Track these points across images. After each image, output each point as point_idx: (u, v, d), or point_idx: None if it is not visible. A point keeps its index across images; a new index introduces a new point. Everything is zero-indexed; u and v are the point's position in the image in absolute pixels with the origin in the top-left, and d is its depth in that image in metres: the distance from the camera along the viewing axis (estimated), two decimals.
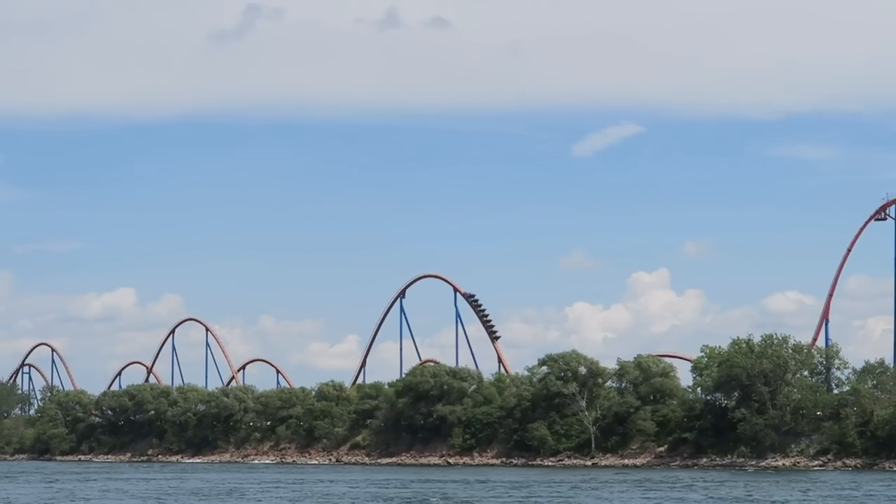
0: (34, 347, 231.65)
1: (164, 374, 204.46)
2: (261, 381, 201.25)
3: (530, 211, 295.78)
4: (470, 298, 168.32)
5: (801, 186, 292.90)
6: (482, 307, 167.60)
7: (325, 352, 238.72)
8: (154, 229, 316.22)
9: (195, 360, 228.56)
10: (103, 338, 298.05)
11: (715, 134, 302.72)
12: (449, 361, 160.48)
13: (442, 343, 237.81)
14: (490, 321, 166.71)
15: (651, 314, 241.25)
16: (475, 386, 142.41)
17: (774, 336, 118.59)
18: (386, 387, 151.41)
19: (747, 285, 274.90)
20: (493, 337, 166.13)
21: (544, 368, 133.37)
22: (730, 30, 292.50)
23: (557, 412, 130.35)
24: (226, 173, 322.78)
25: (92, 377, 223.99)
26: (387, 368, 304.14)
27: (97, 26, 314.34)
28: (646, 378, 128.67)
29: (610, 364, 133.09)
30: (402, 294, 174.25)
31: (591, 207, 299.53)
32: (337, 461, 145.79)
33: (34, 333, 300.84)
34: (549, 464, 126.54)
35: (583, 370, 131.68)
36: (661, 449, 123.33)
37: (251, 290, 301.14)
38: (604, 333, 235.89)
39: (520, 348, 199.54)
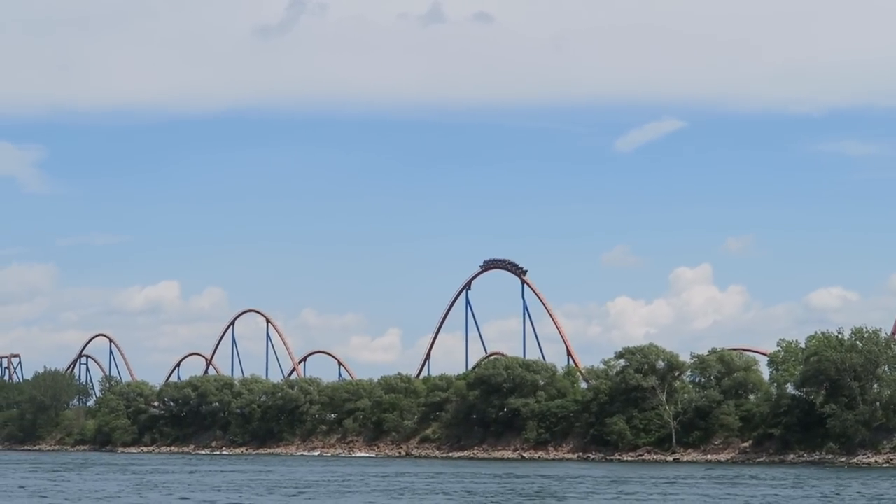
0: (92, 338, 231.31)
1: (222, 366, 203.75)
2: (319, 373, 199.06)
3: (572, 206, 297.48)
4: (489, 261, 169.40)
5: (845, 182, 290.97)
6: (503, 258, 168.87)
7: (367, 345, 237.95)
8: (197, 223, 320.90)
9: (249, 352, 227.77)
10: (146, 331, 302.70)
11: (758, 129, 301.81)
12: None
13: (489, 336, 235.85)
14: (515, 262, 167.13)
15: (693, 310, 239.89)
16: (549, 379, 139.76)
17: (864, 329, 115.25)
18: (455, 379, 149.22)
19: (791, 281, 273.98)
20: (521, 272, 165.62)
21: (621, 361, 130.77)
22: (774, 24, 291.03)
23: (635, 406, 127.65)
24: (268, 168, 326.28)
25: (135, 370, 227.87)
26: (432, 361, 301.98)
27: (141, 22, 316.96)
28: (728, 372, 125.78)
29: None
30: (467, 286, 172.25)
31: (633, 203, 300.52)
32: (406, 454, 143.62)
33: (78, 326, 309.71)
34: (629, 459, 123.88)
35: (661, 363, 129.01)
36: (746, 444, 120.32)
37: (293, 284, 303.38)
38: (645, 329, 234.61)
39: (561, 343, 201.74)
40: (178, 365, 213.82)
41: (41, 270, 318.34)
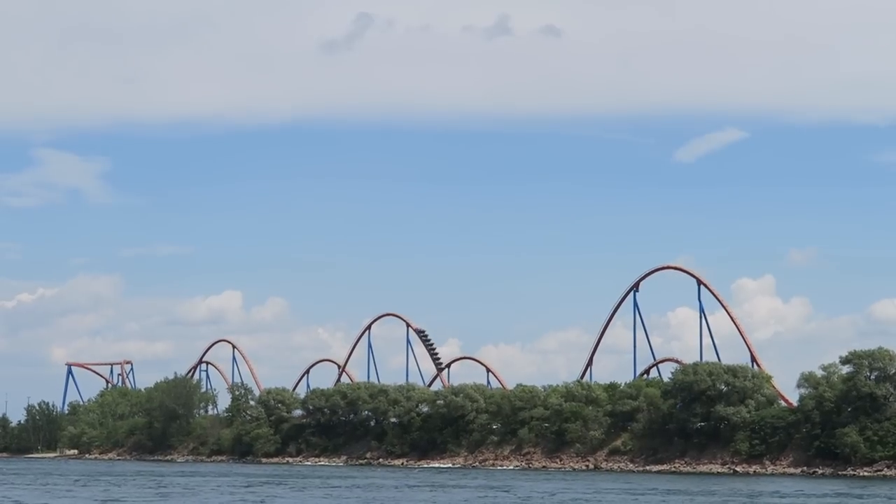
0: (213, 344, 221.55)
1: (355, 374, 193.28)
2: (462, 381, 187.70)
3: (632, 217, 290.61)
4: (420, 334, 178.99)
5: None
6: (431, 343, 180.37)
7: (426, 355, 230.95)
8: (260, 234, 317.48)
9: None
10: (208, 341, 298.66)
11: (821, 139, 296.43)
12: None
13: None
14: (437, 356, 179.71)
15: (755, 321, 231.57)
16: (758, 386, 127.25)
17: None
18: (646, 385, 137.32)
19: (854, 292, 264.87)
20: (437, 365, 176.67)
21: (847, 367, 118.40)
22: (837, 33, 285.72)
23: (868, 416, 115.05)
24: (332, 180, 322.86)
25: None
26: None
27: (207, 35, 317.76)
28: None
29: None
30: (635, 287, 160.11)
31: (696, 214, 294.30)
32: (595, 467, 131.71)
33: (140, 336, 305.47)
34: (865, 474, 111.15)
35: (894, 369, 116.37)
36: None
37: (355, 294, 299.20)
38: (706, 340, 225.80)
39: (621, 353, 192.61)
40: (307, 371, 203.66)
41: (106, 281, 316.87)
